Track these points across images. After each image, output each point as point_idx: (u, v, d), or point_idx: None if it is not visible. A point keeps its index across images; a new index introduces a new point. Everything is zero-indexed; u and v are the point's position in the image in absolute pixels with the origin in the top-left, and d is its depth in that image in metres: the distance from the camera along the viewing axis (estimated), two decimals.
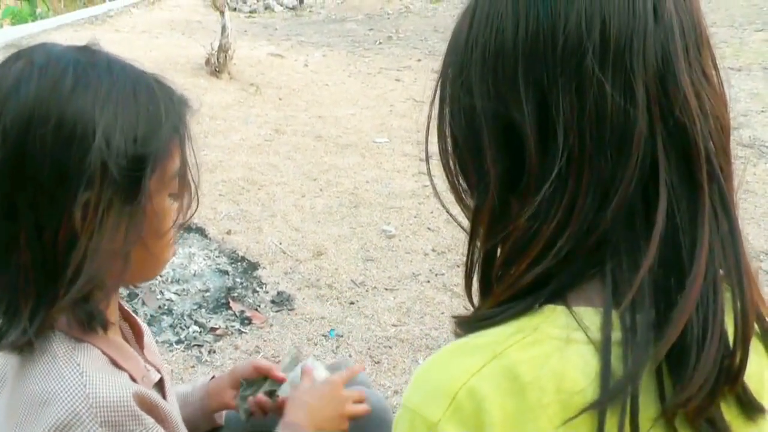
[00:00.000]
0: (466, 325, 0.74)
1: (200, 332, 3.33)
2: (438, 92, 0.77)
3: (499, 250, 0.74)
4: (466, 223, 0.79)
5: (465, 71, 0.72)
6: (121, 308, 1.07)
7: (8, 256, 0.85)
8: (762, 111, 7.30)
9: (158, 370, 1.06)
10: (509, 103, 0.68)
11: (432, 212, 4.63)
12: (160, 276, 3.58)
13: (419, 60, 10.39)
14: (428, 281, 3.88)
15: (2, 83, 0.84)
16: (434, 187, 0.83)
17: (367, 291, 3.80)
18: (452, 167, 0.77)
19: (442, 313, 3.54)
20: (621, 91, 0.63)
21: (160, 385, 1.05)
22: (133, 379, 0.94)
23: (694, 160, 0.65)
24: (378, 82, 9.03)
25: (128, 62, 0.94)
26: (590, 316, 0.66)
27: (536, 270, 0.67)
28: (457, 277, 3.86)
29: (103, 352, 0.92)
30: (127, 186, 0.85)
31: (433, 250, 4.23)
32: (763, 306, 0.72)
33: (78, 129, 0.82)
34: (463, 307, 0.80)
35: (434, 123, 0.79)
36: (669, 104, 0.64)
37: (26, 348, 0.86)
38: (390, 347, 3.30)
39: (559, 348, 0.65)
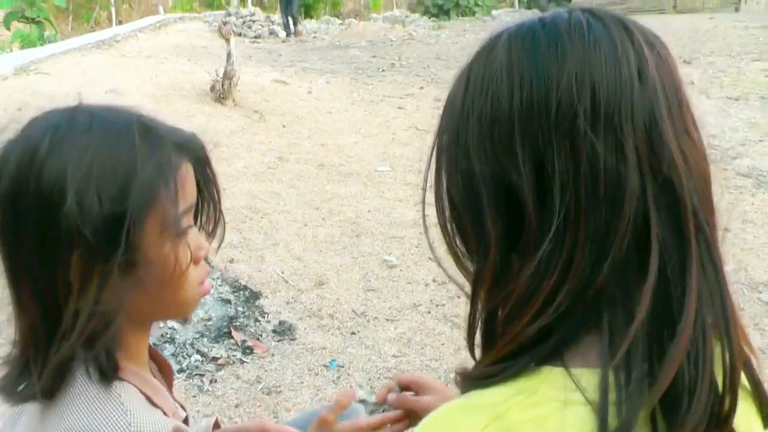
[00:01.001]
0: (470, 381, 0.77)
1: (202, 361, 3.36)
2: (434, 157, 0.80)
3: (500, 308, 0.76)
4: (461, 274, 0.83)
5: (462, 136, 0.75)
6: (150, 347, 1.11)
7: (21, 314, 0.91)
8: (760, 140, 7.34)
9: (183, 408, 1.10)
10: (507, 165, 0.71)
11: (433, 242, 4.66)
12: None
13: (422, 87, 10.47)
14: (429, 312, 3.91)
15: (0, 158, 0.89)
16: (432, 250, 0.86)
17: (368, 321, 3.83)
18: (450, 230, 0.80)
19: (443, 344, 3.57)
20: (612, 150, 0.67)
21: (185, 422, 1.08)
22: (166, 416, 0.98)
23: (682, 214, 0.69)
24: (381, 110, 9.09)
25: (115, 115, 0.94)
26: (587, 377, 0.69)
27: (537, 324, 0.70)
28: (458, 308, 3.89)
29: (139, 390, 0.96)
30: (104, 246, 0.86)
31: (434, 281, 4.26)
32: (750, 353, 0.75)
33: (54, 194, 0.85)
34: (463, 338, 0.83)
35: (431, 185, 0.82)
36: (657, 162, 0.68)
37: (47, 395, 0.90)
38: (391, 378, 3.32)
39: (558, 409, 0.68)
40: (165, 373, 1.15)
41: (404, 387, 1.30)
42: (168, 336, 3.51)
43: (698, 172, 0.72)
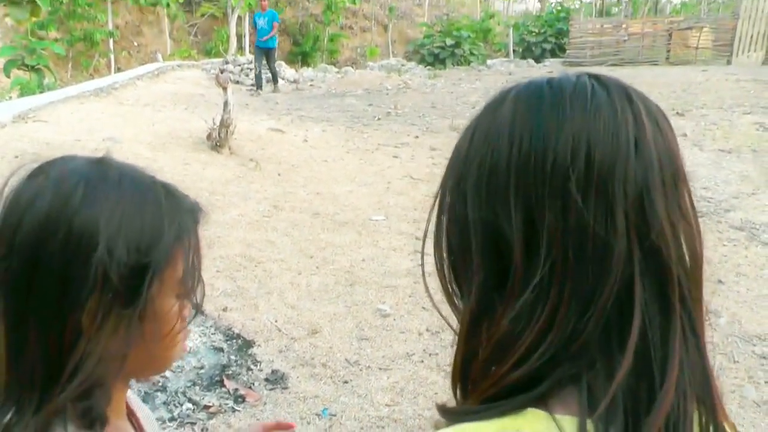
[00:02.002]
0: (452, 415, 0.78)
1: (194, 410, 3.35)
2: (438, 201, 0.83)
3: (480, 350, 0.77)
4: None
5: (462, 182, 0.78)
6: (127, 405, 1.12)
7: (19, 355, 0.91)
8: (752, 194, 7.40)
9: None
10: (499, 214, 0.73)
11: (429, 290, 4.66)
12: None
13: (417, 136, 10.55)
14: (422, 361, 3.91)
15: (22, 198, 0.91)
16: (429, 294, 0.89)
17: (361, 370, 3.82)
18: (446, 273, 0.82)
19: (436, 394, 3.56)
20: (602, 214, 0.69)
21: None
22: None
23: (667, 282, 0.71)
24: (376, 159, 9.16)
25: (140, 174, 0.99)
26: (569, 425, 0.70)
27: (520, 372, 0.72)
28: (451, 358, 3.88)
29: None
30: (126, 292, 0.89)
31: (428, 330, 4.26)
32: (728, 425, 0.77)
33: (83, 241, 0.87)
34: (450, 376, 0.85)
35: (432, 229, 0.84)
36: (646, 230, 0.70)
37: None
38: (383, 427, 3.32)
39: None
40: (138, 429, 1.16)
41: None
42: (160, 384, 3.49)
43: (689, 247, 0.74)
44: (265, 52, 17.08)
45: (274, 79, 17.51)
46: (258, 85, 17.09)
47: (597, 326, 0.70)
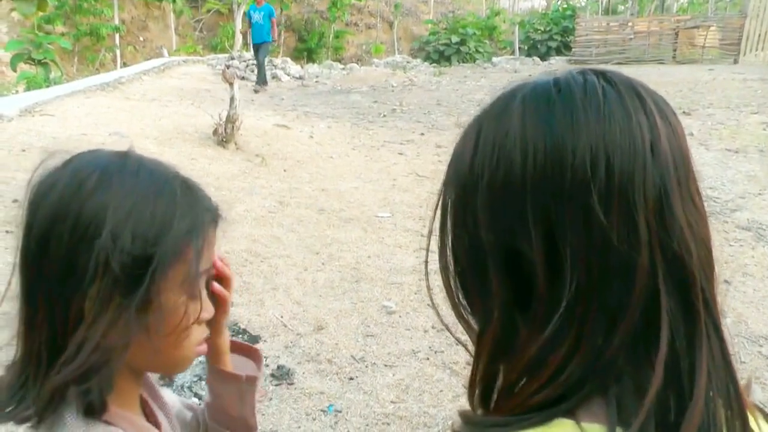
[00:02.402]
0: (478, 426, 0.76)
1: (199, 404, 3.34)
2: (439, 211, 0.79)
3: (503, 369, 0.76)
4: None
5: (470, 199, 0.74)
6: (148, 403, 1.12)
7: (31, 331, 0.93)
8: (759, 193, 7.38)
9: None
10: (517, 233, 0.70)
11: (432, 288, 4.67)
12: None
13: (422, 134, 10.55)
14: (428, 358, 3.91)
15: (43, 184, 0.93)
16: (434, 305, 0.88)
17: (366, 367, 3.82)
18: (453, 286, 0.79)
19: (441, 391, 3.55)
20: (624, 226, 0.67)
21: None
22: None
23: (691, 288, 0.69)
24: (381, 156, 9.16)
25: (162, 167, 0.98)
26: (597, 431, 0.68)
27: (545, 394, 0.70)
28: (457, 355, 3.88)
29: None
30: (128, 282, 0.89)
31: (433, 327, 4.26)
32: (752, 415, 0.74)
33: (90, 227, 0.89)
34: (462, 386, 0.83)
35: (435, 239, 0.81)
36: (667, 237, 0.68)
37: (33, 422, 0.92)
38: (388, 424, 3.31)
39: None
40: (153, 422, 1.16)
41: None
42: (166, 379, 3.49)
43: (702, 241, 0.72)
44: (258, 47, 16.34)
45: (259, 73, 16.57)
46: (260, 80, 16.47)
47: (624, 342, 0.68)
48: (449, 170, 0.79)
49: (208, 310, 1.05)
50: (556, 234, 0.68)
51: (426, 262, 0.85)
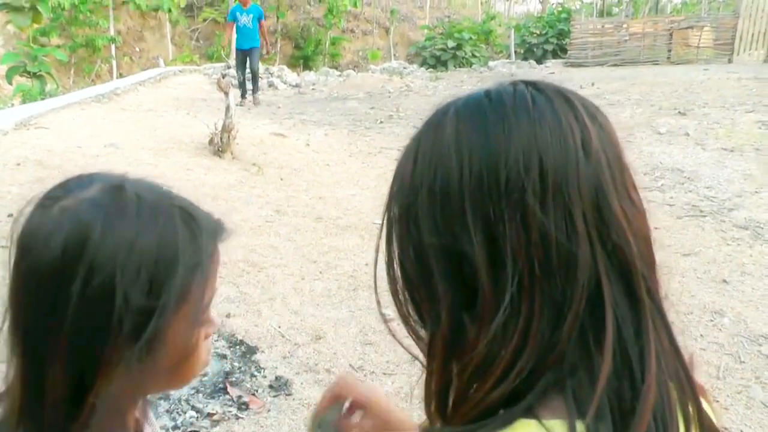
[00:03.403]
0: None
1: (197, 418, 3.33)
2: (385, 228, 0.82)
3: (455, 372, 0.77)
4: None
5: (413, 209, 0.76)
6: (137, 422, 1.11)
7: (39, 394, 0.88)
8: (756, 192, 7.37)
9: None
10: (459, 237, 0.72)
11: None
12: None
13: None
14: None
15: (38, 234, 0.87)
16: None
17: (365, 375, 3.81)
18: (402, 298, 0.82)
19: None
20: (562, 220, 0.70)
21: None
22: None
23: (633, 278, 0.72)
24: (378, 162, 9.16)
25: (160, 196, 0.94)
26: (559, 428, 0.69)
27: (500, 390, 0.72)
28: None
29: None
30: (137, 335, 0.87)
31: None
32: (705, 399, 0.78)
33: (102, 288, 0.84)
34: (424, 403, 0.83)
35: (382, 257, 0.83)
36: (606, 229, 0.71)
37: None
38: None
39: None
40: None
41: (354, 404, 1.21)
42: (163, 392, 3.48)
43: (640, 233, 0.75)
44: (248, 54, 14.50)
45: (255, 83, 14.94)
46: (242, 92, 14.91)
47: (572, 334, 0.70)
48: (392, 185, 0.81)
49: (214, 324, 1.03)
50: (496, 232, 0.71)
51: (375, 278, 0.87)
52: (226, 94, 8.49)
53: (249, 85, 15.07)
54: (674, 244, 5.92)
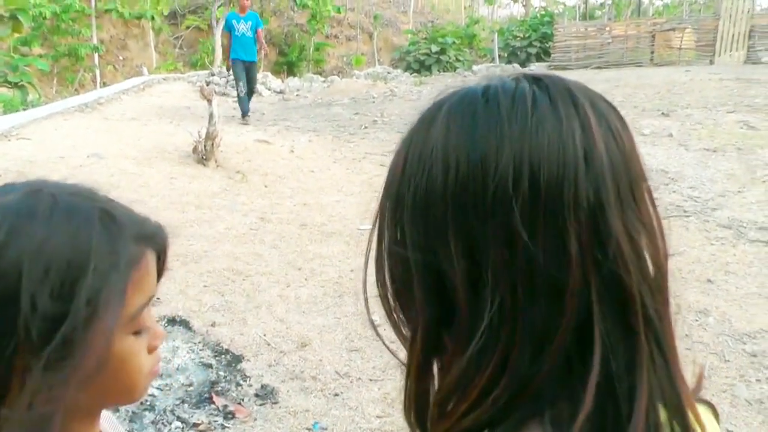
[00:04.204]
0: None
1: (182, 428, 3.31)
2: (377, 224, 0.76)
3: (432, 392, 0.74)
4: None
5: (399, 212, 0.71)
6: None
7: None
8: (739, 192, 7.42)
9: None
10: (438, 252, 0.67)
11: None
12: None
13: None
14: None
15: None
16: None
17: (351, 382, 3.80)
18: (391, 301, 0.77)
19: None
20: (553, 244, 0.63)
21: None
22: None
23: (629, 307, 0.65)
24: (363, 168, 9.15)
25: (80, 199, 0.90)
26: None
27: (475, 415, 0.67)
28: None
29: None
30: (47, 339, 0.82)
31: None
32: (693, 413, 0.71)
33: (7, 293, 0.81)
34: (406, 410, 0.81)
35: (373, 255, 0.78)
36: (603, 253, 0.63)
37: None
38: None
39: None
40: None
41: None
42: (148, 403, 3.46)
43: (652, 259, 0.68)
44: (247, 67, 13.03)
45: (246, 100, 13.14)
46: (245, 111, 13.09)
47: (554, 365, 0.64)
48: (385, 183, 0.76)
49: (159, 336, 0.99)
50: (478, 251, 0.65)
51: (364, 282, 0.83)
52: (209, 101, 8.46)
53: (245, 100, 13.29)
54: None
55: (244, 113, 12.97)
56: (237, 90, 13.24)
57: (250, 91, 13.18)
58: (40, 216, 0.86)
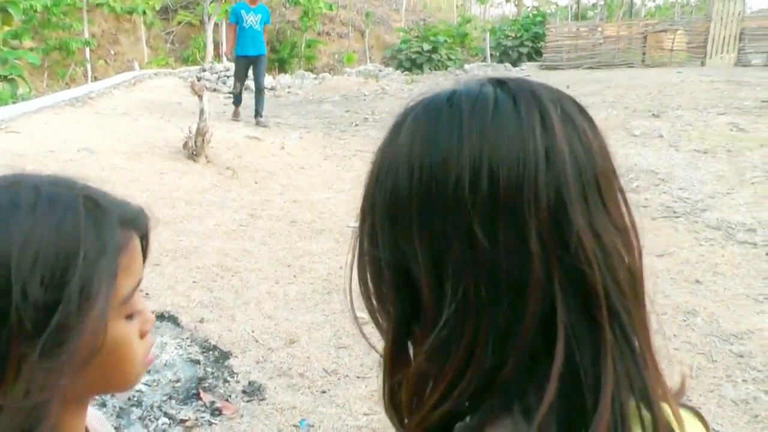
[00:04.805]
0: None
1: (170, 424, 3.30)
2: (358, 228, 0.79)
3: (403, 385, 0.75)
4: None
5: (372, 215, 0.74)
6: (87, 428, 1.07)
7: None
8: (728, 193, 7.45)
9: None
10: (405, 250, 0.69)
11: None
12: None
13: None
14: None
15: None
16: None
17: (339, 379, 3.80)
18: (373, 301, 0.79)
19: None
20: (514, 242, 0.64)
21: None
22: None
23: (592, 301, 0.66)
24: (353, 165, 9.15)
25: (61, 188, 0.91)
26: None
27: (446, 406, 0.69)
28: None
29: None
30: (41, 332, 0.83)
31: None
32: (671, 409, 0.72)
33: None
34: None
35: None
36: (565, 249, 0.65)
37: None
38: None
39: None
40: None
41: None
42: (135, 399, 3.45)
43: (617, 251, 0.69)
44: (252, 62, 12.03)
45: (259, 101, 12.18)
46: (237, 101, 12.48)
47: (519, 359, 0.66)
48: (365, 185, 0.78)
49: (150, 320, 1.00)
50: (439, 250, 0.67)
51: (350, 279, 0.83)
52: (200, 97, 8.44)
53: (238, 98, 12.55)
54: (648, 245, 5.94)
55: (236, 104, 12.39)
56: (233, 87, 12.46)
57: (258, 89, 12.24)
58: (24, 207, 0.86)
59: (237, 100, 12.39)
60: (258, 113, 12.09)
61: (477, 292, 0.66)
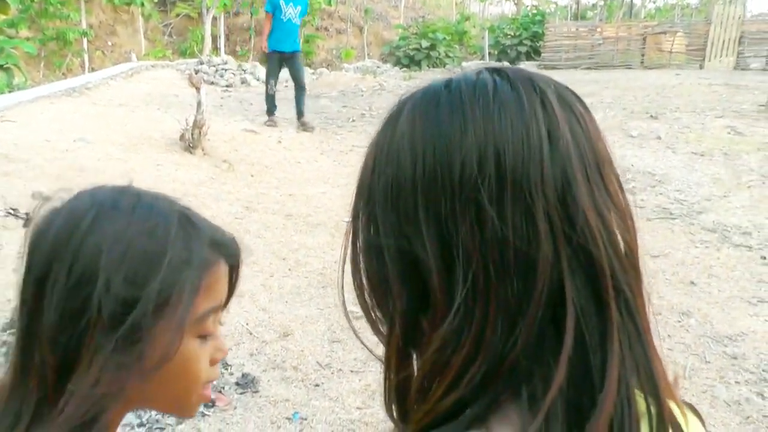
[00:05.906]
0: None
1: (162, 415, 3.29)
2: (351, 224, 0.78)
3: (413, 379, 0.74)
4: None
5: (371, 206, 0.73)
6: None
7: (25, 372, 0.90)
8: (724, 196, 7.47)
9: None
10: (412, 237, 0.69)
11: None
12: None
13: None
14: None
15: (40, 226, 0.92)
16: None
17: (332, 373, 3.79)
18: (368, 300, 0.78)
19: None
20: (522, 219, 0.65)
21: None
22: None
23: (599, 279, 0.66)
24: (350, 160, 9.14)
25: (161, 202, 0.96)
26: None
27: (451, 398, 0.68)
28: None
29: None
30: (119, 327, 0.86)
31: None
32: (682, 413, 0.72)
33: (86, 274, 0.87)
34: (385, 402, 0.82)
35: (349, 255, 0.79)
36: (572, 227, 0.66)
37: None
38: (354, 430, 3.29)
39: None
40: None
41: None
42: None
43: (622, 235, 0.70)
44: (287, 58, 10.90)
45: (300, 99, 11.05)
46: (270, 109, 11.16)
47: (528, 342, 0.66)
48: (357, 184, 0.77)
49: (223, 351, 1.03)
50: (449, 233, 0.67)
51: (341, 276, 0.83)
52: (198, 89, 8.42)
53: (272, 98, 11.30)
54: (644, 245, 5.96)
55: (270, 111, 11.11)
56: (266, 87, 11.18)
57: (298, 86, 11.02)
58: (124, 208, 0.92)
59: (271, 105, 11.15)
60: (301, 113, 11.07)
61: (486, 274, 0.65)
